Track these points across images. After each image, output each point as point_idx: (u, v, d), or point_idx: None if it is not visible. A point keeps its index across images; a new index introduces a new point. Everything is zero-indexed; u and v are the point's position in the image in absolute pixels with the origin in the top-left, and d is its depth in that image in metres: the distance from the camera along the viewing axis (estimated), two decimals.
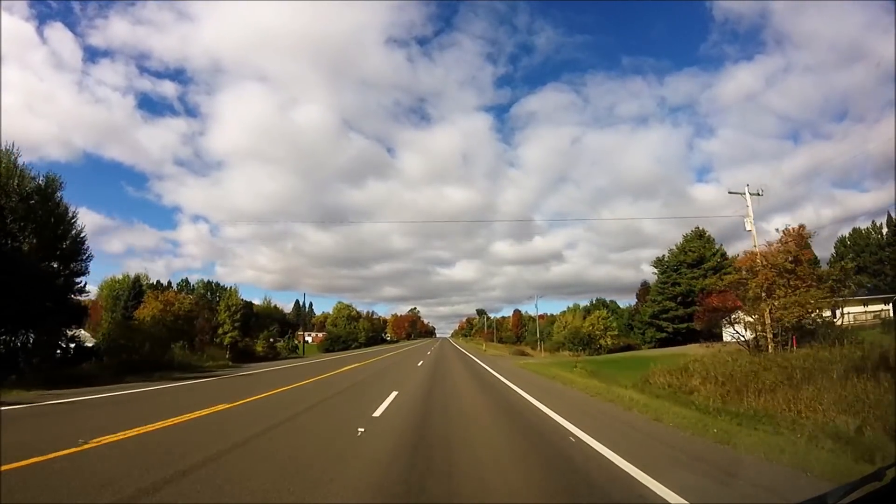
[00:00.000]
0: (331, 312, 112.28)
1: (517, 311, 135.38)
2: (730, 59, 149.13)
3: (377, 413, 9.11)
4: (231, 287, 70.38)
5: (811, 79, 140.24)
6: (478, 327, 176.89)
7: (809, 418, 8.20)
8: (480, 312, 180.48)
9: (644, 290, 58.59)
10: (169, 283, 68.28)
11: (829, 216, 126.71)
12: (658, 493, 4.15)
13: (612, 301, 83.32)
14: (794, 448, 5.85)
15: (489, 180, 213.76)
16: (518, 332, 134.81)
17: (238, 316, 65.83)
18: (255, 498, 4.07)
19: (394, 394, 12.12)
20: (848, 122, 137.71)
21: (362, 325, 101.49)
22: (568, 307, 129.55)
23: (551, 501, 4.23)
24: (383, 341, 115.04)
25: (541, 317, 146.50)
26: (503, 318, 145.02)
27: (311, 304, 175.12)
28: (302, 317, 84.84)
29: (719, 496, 4.28)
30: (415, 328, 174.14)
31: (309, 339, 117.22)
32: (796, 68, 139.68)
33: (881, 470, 2.07)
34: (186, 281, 73.65)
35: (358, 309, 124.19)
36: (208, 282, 72.62)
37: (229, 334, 65.65)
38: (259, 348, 66.48)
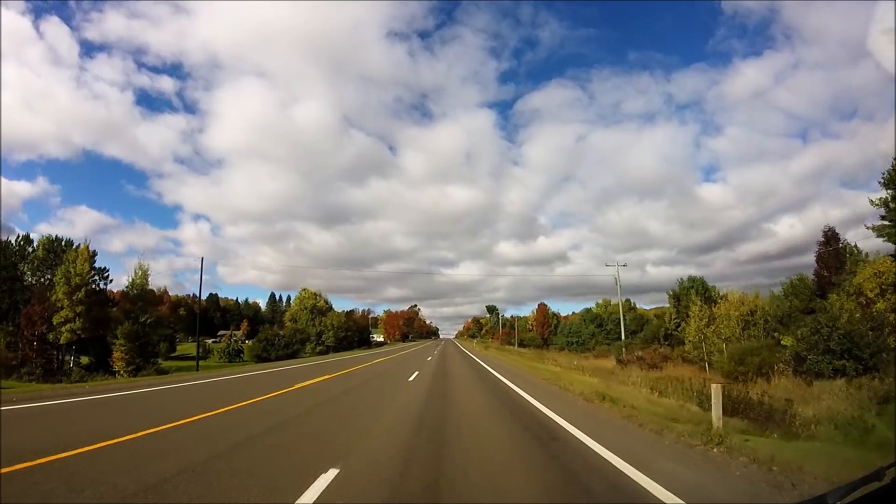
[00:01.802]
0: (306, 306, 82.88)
1: (543, 306, 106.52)
2: (738, 54, 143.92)
3: None
4: (80, 245, 42.05)
5: (820, 75, 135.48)
6: (489, 327, 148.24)
7: None
8: (491, 309, 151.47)
9: (829, 247, 29.99)
10: None
11: (838, 217, 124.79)
12: None
13: (700, 277, 54.71)
14: None
15: (493, 179, 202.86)
16: (544, 333, 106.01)
17: (81, 294, 37.61)
18: None
19: None
20: (857, 121, 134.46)
21: (331, 321, 72.93)
22: (597, 303, 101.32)
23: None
24: (361, 344, 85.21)
25: (565, 316, 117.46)
26: (514, 316, 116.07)
27: (288, 298, 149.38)
28: (199, 310, 56.26)
29: None
30: (411, 327, 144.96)
31: None
32: (805, 64, 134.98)
33: (881, 470, 1.99)
34: (27, 236, 45.03)
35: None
36: (55, 238, 44.03)
37: (68, 326, 37.35)
38: (118, 355, 38.29)
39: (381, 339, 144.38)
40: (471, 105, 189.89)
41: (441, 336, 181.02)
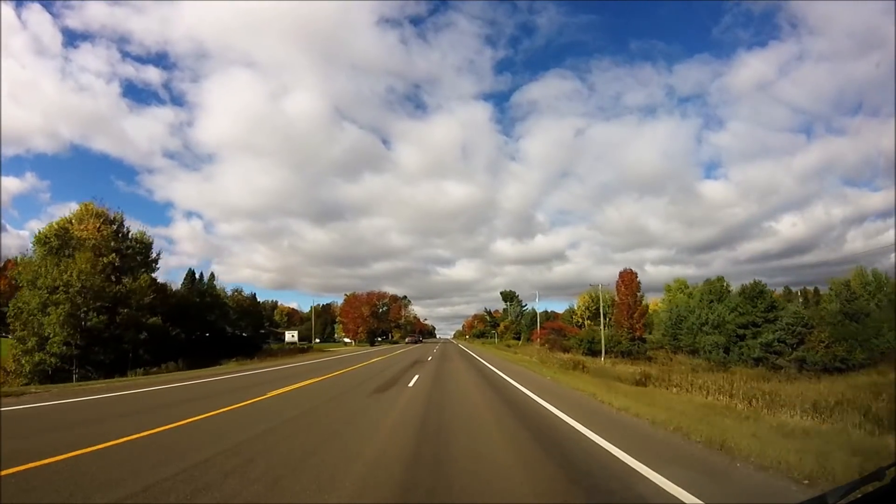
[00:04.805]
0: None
1: (630, 275, 54.62)
2: (742, 44, 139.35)
3: None
4: None
5: (826, 67, 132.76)
6: (507, 322, 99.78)
7: None
8: (508, 296, 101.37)
9: None
10: None
11: (840, 215, 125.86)
12: None
13: None
14: None
15: (489, 175, 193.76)
16: (635, 328, 55.44)
17: None
18: None
19: None
20: (862, 117, 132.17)
21: (69, 271, 25.65)
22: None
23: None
24: (217, 348, 35.96)
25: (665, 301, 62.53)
26: (595, 289, 64.90)
27: (211, 275, 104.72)
28: None
29: None
30: (384, 320, 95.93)
31: None
32: (811, 56, 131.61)
33: (881, 470, 1.98)
34: None
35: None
36: None
37: None
38: None
39: (348, 339, 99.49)
40: (466, 96, 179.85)
41: (438, 336, 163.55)
